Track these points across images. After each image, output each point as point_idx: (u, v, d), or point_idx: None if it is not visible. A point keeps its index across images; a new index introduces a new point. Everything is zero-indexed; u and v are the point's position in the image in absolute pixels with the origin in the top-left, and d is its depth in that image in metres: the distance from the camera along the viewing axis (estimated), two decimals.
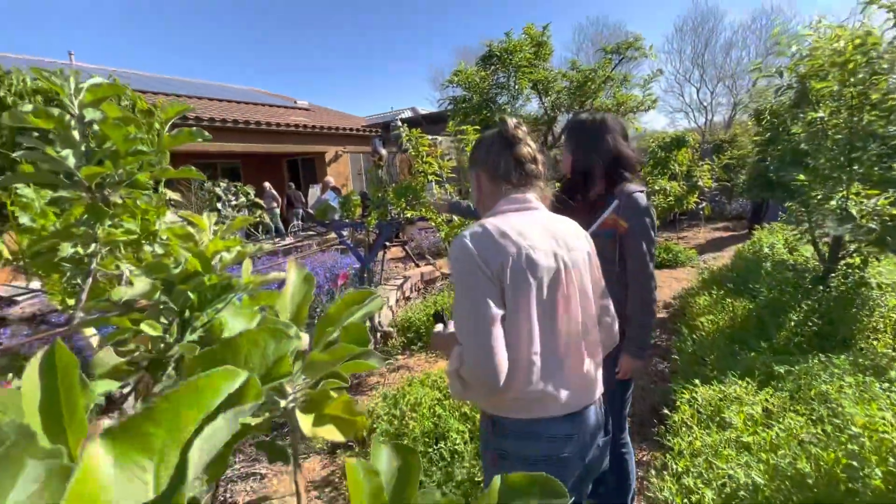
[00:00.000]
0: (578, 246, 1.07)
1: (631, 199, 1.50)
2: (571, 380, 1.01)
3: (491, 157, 1.09)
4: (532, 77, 3.56)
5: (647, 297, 1.54)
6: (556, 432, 1.00)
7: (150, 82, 13.29)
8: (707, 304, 3.77)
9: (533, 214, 1.05)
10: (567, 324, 1.01)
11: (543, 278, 0.97)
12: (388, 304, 4.55)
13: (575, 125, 1.64)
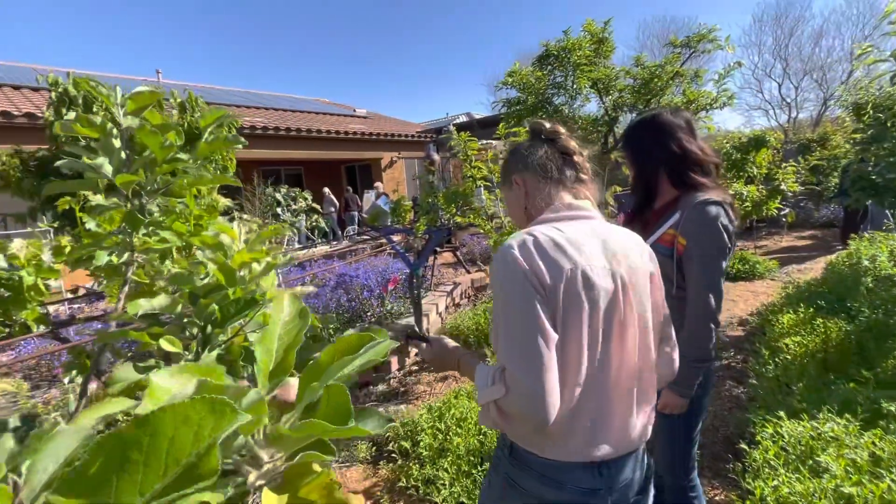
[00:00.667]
0: (641, 264, 0.92)
1: (695, 211, 1.27)
2: (615, 421, 0.87)
3: (534, 159, 0.97)
4: (591, 75, 3.35)
5: (702, 336, 1.29)
6: (582, 482, 0.86)
7: (225, 95, 14.35)
8: (793, 324, 3.34)
9: (590, 224, 0.91)
10: (620, 355, 0.87)
11: (599, 301, 0.84)
12: (437, 311, 4.50)
13: (629, 129, 1.46)
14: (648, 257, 0.95)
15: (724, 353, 3.63)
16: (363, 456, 2.47)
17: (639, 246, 0.94)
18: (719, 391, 3.06)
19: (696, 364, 1.30)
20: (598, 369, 0.85)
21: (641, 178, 1.43)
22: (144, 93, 0.90)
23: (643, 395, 0.91)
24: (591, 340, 0.84)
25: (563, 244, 0.85)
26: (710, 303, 1.27)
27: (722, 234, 1.25)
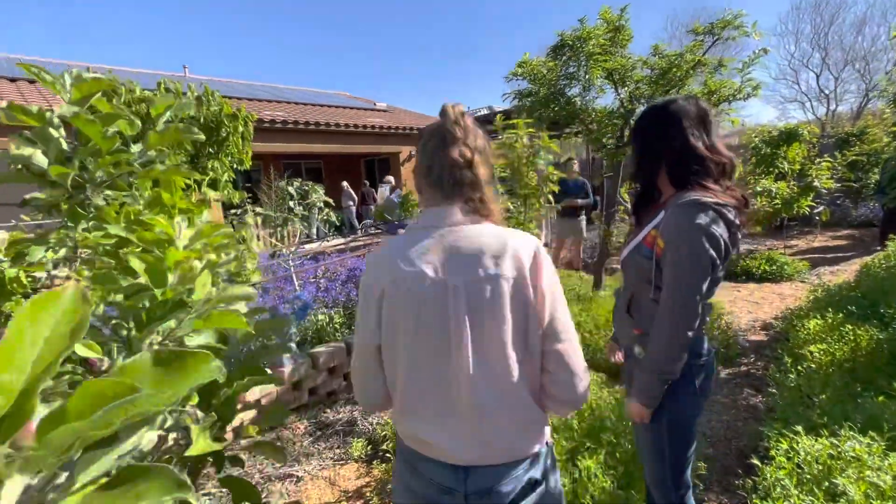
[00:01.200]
0: (491, 272, 0.85)
1: (675, 212, 1.15)
2: (465, 429, 0.87)
3: (423, 159, 0.94)
4: (606, 66, 3.19)
5: (661, 348, 1.17)
6: (435, 477, 0.90)
7: (247, 90, 14.57)
8: (819, 330, 3.13)
9: (443, 232, 0.89)
10: (457, 364, 0.85)
11: (424, 311, 0.86)
12: None
13: (638, 118, 1.34)
14: (511, 263, 0.86)
15: (743, 359, 3.44)
16: (358, 454, 2.43)
17: (495, 253, 0.86)
18: (735, 399, 2.89)
19: (656, 375, 1.20)
20: (429, 377, 0.87)
21: (640, 173, 1.32)
22: (90, 80, 0.86)
23: (503, 407, 0.87)
24: (421, 349, 0.87)
25: (394, 254, 0.90)
26: (675, 317, 1.15)
27: (701, 241, 1.11)
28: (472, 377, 0.85)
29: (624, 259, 1.33)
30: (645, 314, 1.29)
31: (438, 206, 0.91)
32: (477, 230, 0.89)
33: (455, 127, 0.91)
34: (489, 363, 0.85)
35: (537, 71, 3.40)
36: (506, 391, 0.87)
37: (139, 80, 5.90)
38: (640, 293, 1.30)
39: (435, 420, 0.87)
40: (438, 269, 0.86)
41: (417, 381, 0.88)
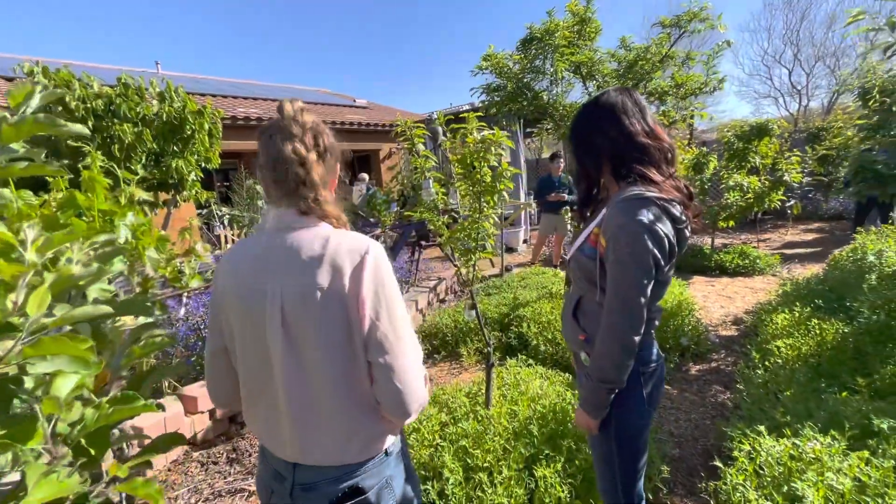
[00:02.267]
0: (304, 281, 0.83)
1: (615, 208, 1.07)
2: (285, 431, 0.90)
3: (262, 156, 0.90)
4: (573, 59, 3.12)
5: (604, 353, 1.10)
6: (273, 463, 0.95)
7: (220, 86, 14.19)
8: (787, 325, 3.12)
9: (273, 235, 0.89)
10: (276, 372, 0.87)
11: (245, 319, 0.88)
12: (416, 307, 4.34)
13: (572, 121, 1.27)
14: (327, 270, 0.83)
15: (714, 355, 3.42)
16: None
17: (314, 259, 0.84)
18: (703, 396, 2.87)
19: (600, 384, 1.12)
20: (261, 381, 0.90)
21: (582, 171, 1.24)
22: None
23: (320, 417, 0.87)
24: (249, 353, 0.90)
25: (224, 265, 0.94)
26: (616, 319, 1.07)
27: (642, 238, 1.03)
28: (287, 387, 0.85)
29: (569, 259, 1.24)
30: (590, 318, 1.21)
31: (277, 207, 0.89)
32: (307, 234, 0.86)
33: (292, 123, 0.87)
34: (305, 373, 0.85)
35: (503, 65, 3.31)
36: (323, 401, 0.86)
37: (109, 76, 5.65)
38: (586, 295, 1.22)
39: (263, 420, 0.94)
40: (259, 275, 0.87)
41: (249, 384, 0.93)
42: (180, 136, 5.33)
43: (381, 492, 0.91)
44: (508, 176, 1.78)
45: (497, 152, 1.71)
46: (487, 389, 2.19)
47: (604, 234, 1.09)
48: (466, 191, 1.84)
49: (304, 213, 0.87)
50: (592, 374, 1.13)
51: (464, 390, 2.65)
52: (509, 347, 3.61)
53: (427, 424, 2.23)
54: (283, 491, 0.91)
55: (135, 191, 1.71)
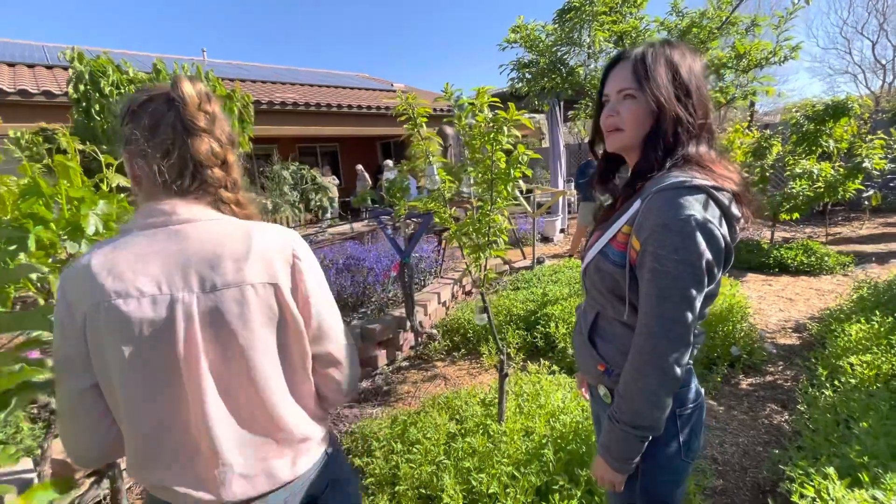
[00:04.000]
0: (236, 278, 0.71)
1: (657, 200, 0.80)
2: (207, 469, 0.73)
3: (151, 147, 0.73)
4: (615, 28, 2.74)
5: (636, 391, 0.83)
6: None
7: (259, 72, 14.44)
8: (863, 337, 2.67)
9: (169, 233, 0.72)
10: (193, 398, 0.71)
11: (142, 340, 0.68)
12: (439, 300, 4.14)
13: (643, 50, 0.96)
14: (259, 266, 0.73)
15: (769, 367, 3.01)
16: None
17: (238, 255, 0.72)
18: (755, 416, 2.50)
19: (630, 429, 0.85)
20: (166, 417, 0.71)
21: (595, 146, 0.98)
22: None
23: (256, 437, 0.76)
24: (142, 385, 0.70)
25: (98, 270, 0.69)
26: (656, 345, 0.80)
27: (694, 239, 0.77)
28: (211, 411, 0.71)
29: (585, 266, 0.98)
30: (612, 342, 0.95)
31: (164, 201, 0.73)
32: (216, 227, 0.74)
33: (199, 114, 0.74)
34: (233, 389, 0.73)
35: (535, 37, 2.97)
36: (258, 418, 0.75)
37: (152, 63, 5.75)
38: (607, 313, 0.96)
39: (178, 465, 0.73)
40: (162, 283, 0.69)
41: (145, 426, 0.71)
42: None
43: (331, 492, 0.86)
44: (525, 161, 1.51)
45: (511, 133, 1.45)
46: (500, 401, 1.96)
47: (637, 233, 0.82)
48: (478, 178, 1.59)
49: (213, 207, 0.76)
50: (620, 417, 0.86)
51: (478, 396, 2.44)
52: (535, 349, 3.35)
53: (433, 436, 2.04)
54: None
55: (112, 176, 1.58)
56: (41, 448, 1.76)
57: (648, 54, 0.89)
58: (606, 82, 0.95)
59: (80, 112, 5.03)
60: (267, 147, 11.89)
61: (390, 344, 3.43)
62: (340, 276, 4.76)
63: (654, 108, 0.87)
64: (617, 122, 0.91)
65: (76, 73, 4.99)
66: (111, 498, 1.89)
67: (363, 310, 4.44)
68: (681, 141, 0.87)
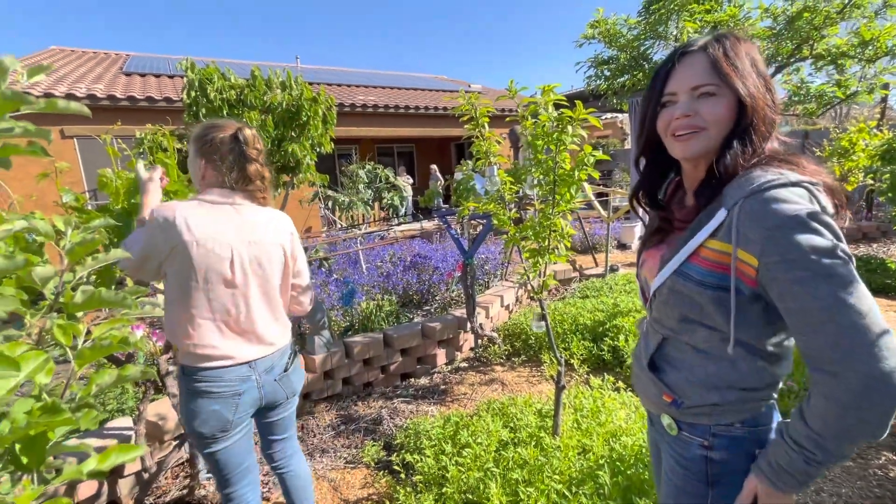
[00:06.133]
0: (267, 239, 1.33)
1: (753, 203, 0.69)
2: (249, 336, 1.31)
3: (224, 161, 1.29)
4: (708, 18, 2.48)
5: (861, 416, 0.64)
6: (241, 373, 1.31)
7: (345, 76, 15.27)
8: None
9: (229, 210, 1.29)
10: (246, 295, 1.29)
11: (214, 263, 1.23)
12: (502, 303, 4.07)
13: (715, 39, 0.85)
14: (281, 237, 1.37)
15: None
16: (368, 459, 2.26)
17: (271, 229, 1.35)
18: (867, 464, 2.13)
19: (822, 464, 0.69)
20: (235, 303, 1.27)
21: (639, 151, 0.88)
22: None
23: (278, 317, 1.39)
24: (211, 287, 1.23)
25: (193, 220, 1.21)
26: (863, 362, 0.62)
27: (826, 230, 0.65)
28: (255, 304, 1.31)
29: (659, 287, 0.86)
30: (683, 372, 0.84)
31: (226, 192, 1.30)
32: (253, 210, 1.33)
33: (252, 150, 1.32)
34: (264, 293, 1.33)
35: (615, 31, 2.78)
36: (273, 310, 1.37)
37: (248, 70, 6.37)
38: (679, 339, 0.86)
39: (233, 335, 1.28)
40: (227, 236, 1.25)
41: (210, 313, 1.26)
42: (297, 122, 5.75)
43: (293, 359, 1.46)
44: (591, 163, 1.42)
45: (576, 133, 1.36)
46: (556, 414, 1.87)
47: (744, 246, 0.70)
48: (540, 180, 1.52)
49: (252, 199, 1.35)
50: (817, 458, 0.69)
51: (535, 406, 2.35)
52: (601, 362, 3.17)
53: (485, 441, 2.00)
54: (253, 384, 1.30)
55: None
56: (139, 409, 2.00)
57: (727, 45, 0.78)
58: (669, 80, 0.84)
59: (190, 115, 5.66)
60: (348, 147, 12.57)
61: (450, 343, 3.44)
62: (407, 272, 4.88)
63: (740, 104, 0.76)
64: (696, 122, 0.81)
65: (189, 81, 5.63)
66: (188, 461, 2.10)
67: (427, 307, 4.51)
68: (765, 138, 0.76)
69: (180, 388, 1.29)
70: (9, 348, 0.73)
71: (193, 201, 1.24)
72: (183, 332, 1.21)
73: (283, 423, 1.48)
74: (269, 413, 1.42)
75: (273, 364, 1.35)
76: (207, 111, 5.27)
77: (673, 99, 0.83)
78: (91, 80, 9.09)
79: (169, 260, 1.18)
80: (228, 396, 1.25)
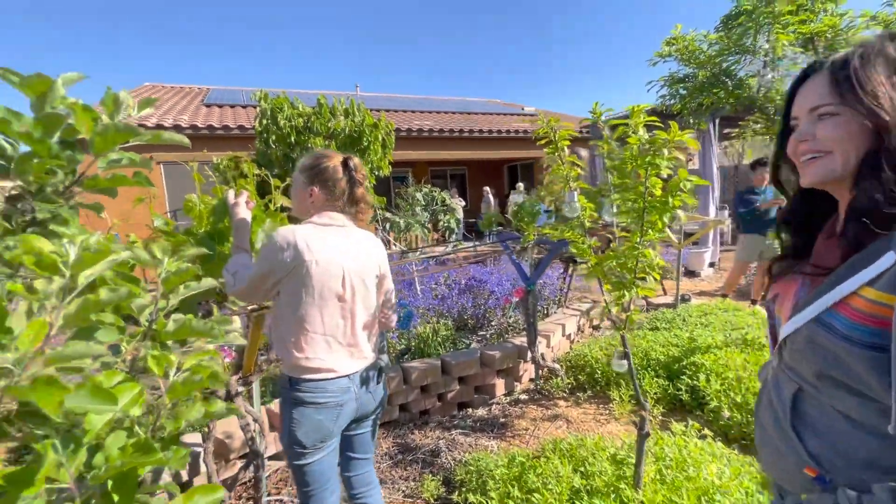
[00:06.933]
0: (368, 263, 1.45)
1: None
2: (338, 354, 1.38)
3: (335, 186, 1.41)
4: (803, 29, 2.26)
5: None
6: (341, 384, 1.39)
7: (402, 102, 15.83)
8: None
9: (339, 231, 1.41)
10: (352, 310, 1.39)
11: (328, 281, 1.33)
12: (563, 332, 3.88)
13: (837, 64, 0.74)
14: (377, 257, 1.50)
15: None
16: (428, 495, 2.16)
17: (371, 249, 1.48)
18: None
19: None
20: (335, 319, 1.36)
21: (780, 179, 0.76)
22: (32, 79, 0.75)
23: (370, 328, 1.46)
24: (324, 303, 1.34)
25: (311, 241, 1.31)
26: None
27: None
28: (358, 320, 1.40)
29: (791, 334, 0.73)
30: (827, 439, 0.70)
31: (335, 215, 1.41)
32: (357, 232, 1.46)
33: (359, 175, 1.44)
34: (366, 308, 1.43)
35: (693, 48, 2.62)
36: (370, 324, 1.46)
37: (311, 98, 6.76)
38: (819, 397, 0.71)
39: (338, 347, 1.37)
40: (338, 256, 1.34)
41: (321, 328, 1.36)
42: (358, 146, 5.96)
43: (379, 374, 1.52)
44: (688, 189, 1.29)
45: (671, 157, 1.24)
46: (638, 464, 1.69)
47: None
48: (625, 207, 1.40)
49: (356, 220, 1.48)
50: None
51: (608, 450, 2.16)
52: (677, 402, 2.89)
53: (555, 488, 1.84)
54: (352, 395, 1.37)
55: (278, 198, 1.79)
56: (209, 427, 2.04)
57: (854, 57, 0.67)
58: (794, 102, 0.75)
59: (261, 142, 6.02)
60: (403, 170, 12.89)
61: (509, 373, 3.30)
62: (462, 296, 4.81)
63: (870, 124, 0.64)
64: (815, 146, 0.71)
65: (262, 110, 6.03)
66: (253, 484, 2.10)
67: (482, 332, 4.39)
68: None
69: (283, 399, 1.35)
70: (106, 378, 0.73)
71: (308, 225, 1.34)
72: (296, 346, 1.30)
73: (366, 438, 1.54)
74: (356, 426, 1.49)
75: (367, 376, 1.43)
76: (277, 138, 5.60)
77: (795, 123, 0.76)
78: (177, 111, 10.03)
79: (286, 279, 1.28)
80: (332, 407, 1.32)
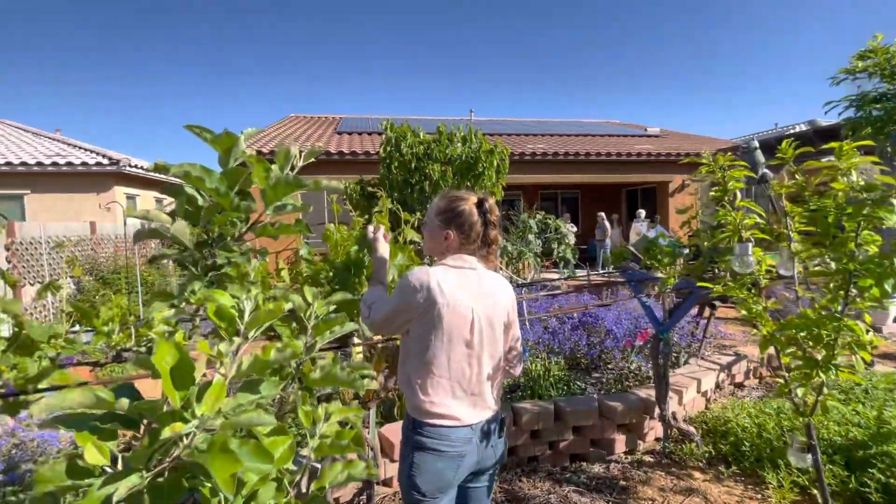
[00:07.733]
0: (500, 306, 1.38)
1: None
2: (476, 399, 1.34)
3: (471, 230, 1.37)
4: None
5: None
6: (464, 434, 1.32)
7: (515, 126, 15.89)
8: None
9: (470, 274, 1.35)
10: (479, 356, 1.33)
11: (457, 324, 1.29)
12: (698, 389, 3.36)
13: None
14: (507, 301, 1.41)
15: None
16: None
17: (500, 293, 1.40)
18: None
19: None
20: (463, 363, 1.31)
21: None
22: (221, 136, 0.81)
23: (493, 378, 1.38)
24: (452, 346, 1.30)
25: (445, 286, 1.29)
26: None
27: None
28: (485, 367, 1.35)
29: None
30: None
31: (467, 257, 1.37)
32: (488, 274, 1.40)
33: (494, 217, 1.39)
34: (492, 355, 1.37)
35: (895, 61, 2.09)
36: (496, 371, 1.39)
37: (430, 125, 7.13)
38: None
39: (462, 394, 1.32)
40: (469, 300, 1.30)
41: (448, 372, 1.32)
42: (474, 172, 6.05)
43: (500, 425, 1.42)
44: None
45: None
46: None
47: None
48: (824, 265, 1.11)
49: (487, 262, 1.41)
50: None
51: None
52: (862, 500, 2.27)
53: None
54: (473, 446, 1.30)
55: (408, 233, 1.82)
56: None
57: None
58: None
59: (384, 167, 6.44)
60: (514, 193, 12.81)
61: (632, 429, 2.93)
62: (575, 332, 4.49)
63: None
64: None
65: (386, 138, 6.47)
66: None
67: (597, 374, 4.03)
68: None
69: (405, 440, 1.33)
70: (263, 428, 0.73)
71: (440, 266, 1.33)
72: (422, 388, 1.28)
73: (482, 493, 1.44)
74: (473, 479, 1.40)
75: (489, 429, 1.35)
76: (399, 164, 5.95)
77: None
78: (314, 139, 11.34)
79: (418, 319, 1.27)
80: (453, 457, 1.27)
